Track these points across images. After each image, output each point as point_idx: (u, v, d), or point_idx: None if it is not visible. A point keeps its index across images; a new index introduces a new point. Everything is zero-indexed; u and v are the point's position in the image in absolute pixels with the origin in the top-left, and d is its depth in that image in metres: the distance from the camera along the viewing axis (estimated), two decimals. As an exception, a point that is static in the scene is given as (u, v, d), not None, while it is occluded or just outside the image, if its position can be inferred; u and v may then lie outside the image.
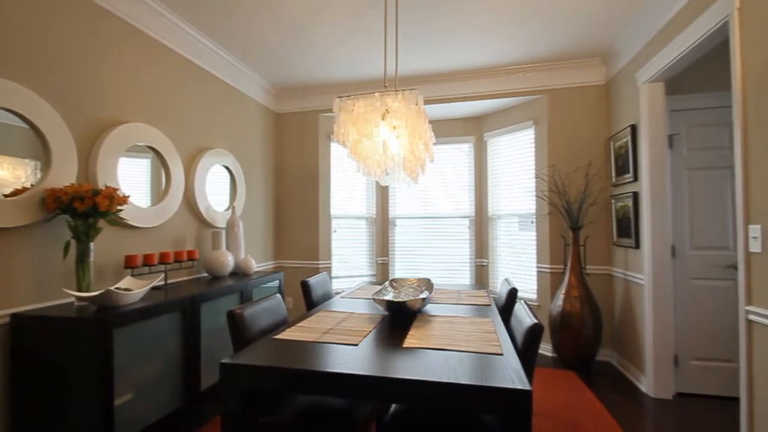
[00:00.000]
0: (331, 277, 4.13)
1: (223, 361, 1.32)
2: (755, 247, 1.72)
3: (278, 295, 2.03)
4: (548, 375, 3.05)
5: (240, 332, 1.62)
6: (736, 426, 2.29)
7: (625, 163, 3.03)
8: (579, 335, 3.08)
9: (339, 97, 2.14)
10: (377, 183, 4.47)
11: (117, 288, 1.97)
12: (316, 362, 1.31)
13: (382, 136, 2.10)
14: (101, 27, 2.20)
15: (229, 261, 2.89)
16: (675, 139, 2.78)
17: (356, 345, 1.49)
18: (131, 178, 2.36)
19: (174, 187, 2.65)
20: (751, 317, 1.73)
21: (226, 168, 3.30)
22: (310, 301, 2.47)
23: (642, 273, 2.81)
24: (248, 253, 3.63)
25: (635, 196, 2.89)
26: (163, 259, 2.41)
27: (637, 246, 2.87)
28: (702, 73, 2.79)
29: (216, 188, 3.17)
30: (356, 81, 3.84)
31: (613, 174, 3.25)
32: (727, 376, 2.64)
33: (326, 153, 4.17)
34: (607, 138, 3.41)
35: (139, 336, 1.90)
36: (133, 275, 2.22)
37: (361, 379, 1.20)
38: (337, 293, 3.68)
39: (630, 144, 2.92)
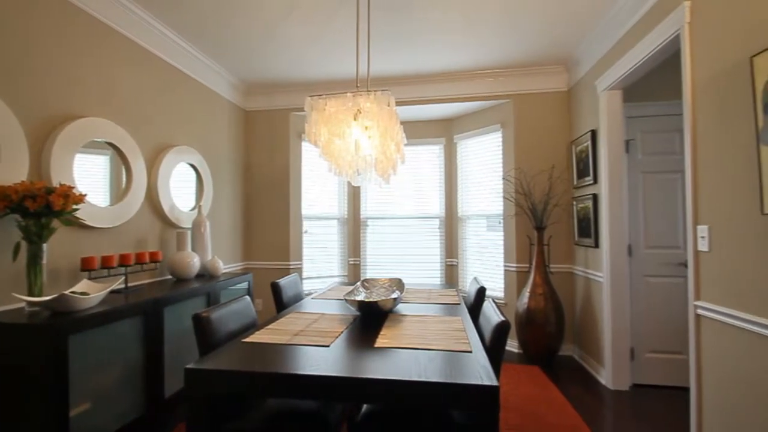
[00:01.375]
0: (302, 278, 4.08)
1: (188, 366, 1.28)
2: (703, 246, 1.85)
3: (247, 297, 1.98)
4: (514, 370, 3.15)
5: (206, 336, 1.57)
6: (687, 414, 2.45)
7: (585, 166, 3.17)
8: (543, 331, 3.20)
9: (311, 96, 2.12)
10: (349, 183, 4.46)
11: (72, 292, 1.87)
12: (287, 365, 1.29)
13: (354, 136, 2.10)
14: (58, 17, 2.07)
15: (194, 262, 2.80)
16: (631, 145, 2.94)
17: (328, 346, 1.49)
18: (88, 176, 2.24)
19: (135, 186, 2.53)
20: (700, 312, 1.86)
21: (192, 166, 3.19)
22: (281, 303, 2.43)
23: (601, 271, 2.95)
24: (215, 254, 3.53)
25: (595, 198, 3.04)
26: (124, 261, 2.30)
27: (597, 245, 3.01)
28: (656, 82, 2.97)
29: (181, 187, 3.06)
30: (328, 80, 3.82)
31: (575, 177, 3.40)
32: (679, 368, 2.83)
33: (297, 152, 4.12)
34: (570, 142, 3.56)
35: (98, 342, 1.80)
36: (90, 278, 2.10)
37: (333, 380, 1.20)
38: (308, 294, 3.64)
39: (590, 148, 3.06)
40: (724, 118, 1.70)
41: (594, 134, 3.04)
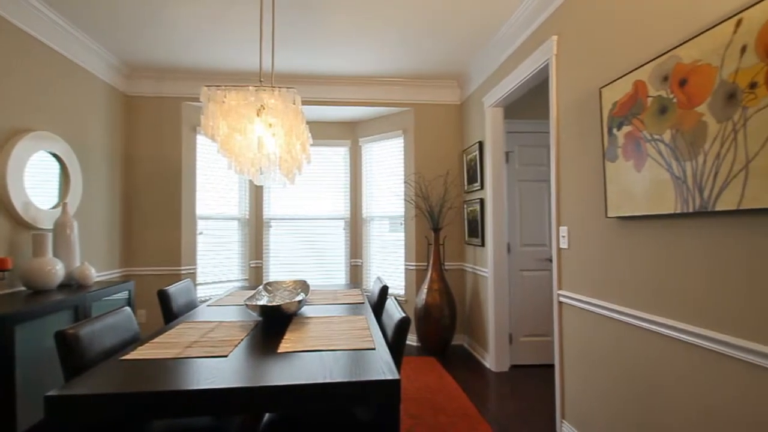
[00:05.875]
0: (195, 284, 3.74)
1: (48, 393, 1.10)
2: (564, 244, 2.21)
3: (127, 308, 1.76)
4: (414, 362, 3.35)
5: (73, 357, 1.35)
6: (553, 386, 2.88)
7: (474, 173, 3.52)
8: (438, 324, 3.46)
9: (207, 86, 1.98)
10: (251, 182, 4.24)
11: None
12: (177, 381, 1.19)
13: (257, 133, 2.02)
14: None
15: (57, 270, 2.37)
16: (510, 156, 3.36)
17: (226, 356, 1.40)
18: None
19: (-28, 179, 2.06)
20: (562, 299, 2.21)
21: (55, 156, 2.70)
22: (170, 313, 2.20)
23: (486, 267, 3.31)
24: (86, 260, 3.04)
25: (482, 202, 3.39)
26: (-46, 271, 1.85)
27: (483, 244, 3.37)
28: (530, 103, 3.43)
29: (40, 180, 2.57)
30: (228, 71, 3.58)
31: (466, 182, 3.75)
32: (547, 348, 3.31)
33: (191, 146, 3.77)
34: (461, 151, 3.91)
35: None
36: None
37: (232, 392, 1.14)
38: (204, 301, 3.37)
39: (478, 157, 3.41)
40: (581, 138, 2.05)
41: (481, 145, 3.39)
